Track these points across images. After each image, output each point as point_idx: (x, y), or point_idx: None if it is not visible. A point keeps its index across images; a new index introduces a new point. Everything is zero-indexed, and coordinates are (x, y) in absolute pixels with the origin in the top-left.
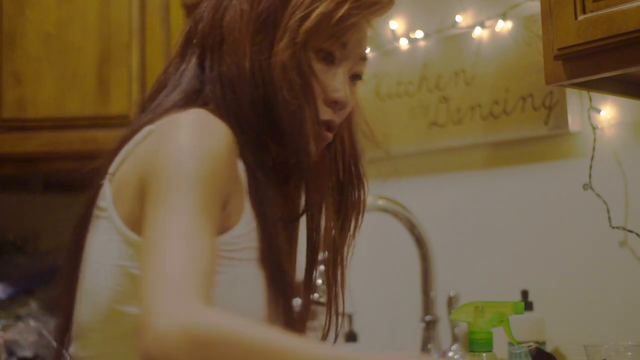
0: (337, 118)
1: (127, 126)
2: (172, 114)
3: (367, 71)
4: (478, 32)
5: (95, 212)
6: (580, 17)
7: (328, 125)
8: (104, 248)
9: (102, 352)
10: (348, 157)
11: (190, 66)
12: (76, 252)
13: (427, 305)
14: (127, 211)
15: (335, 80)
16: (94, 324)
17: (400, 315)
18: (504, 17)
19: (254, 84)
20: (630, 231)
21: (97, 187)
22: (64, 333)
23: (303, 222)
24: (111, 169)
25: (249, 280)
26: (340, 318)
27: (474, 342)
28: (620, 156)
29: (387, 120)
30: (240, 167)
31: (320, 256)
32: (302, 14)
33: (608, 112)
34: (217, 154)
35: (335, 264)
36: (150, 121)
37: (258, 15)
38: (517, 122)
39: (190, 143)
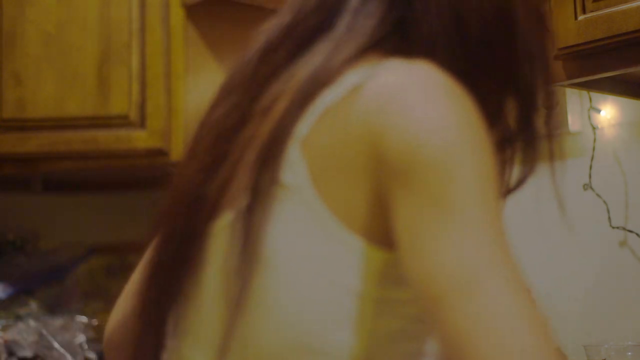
0: None
1: (296, 62)
2: (381, 60)
3: None
4: None
5: (274, 190)
6: (580, 17)
7: None
8: (302, 251)
9: None
10: None
11: None
12: (249, 243)
13: None
14: (335, 197)
15: None
16: (282, 355)
17: None
18: None
19: (495, 26)
20: (630, 231)
21: (273, 153)
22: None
23: None
24: (302, 130)
25: None
26: None
27: None
28: (620, 156)
29: None
30: None
31: None
32: None
33: (608, 112)
34: (487, 140)
35: None
36: (346, 63)
37: None
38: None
39: (460, 124)
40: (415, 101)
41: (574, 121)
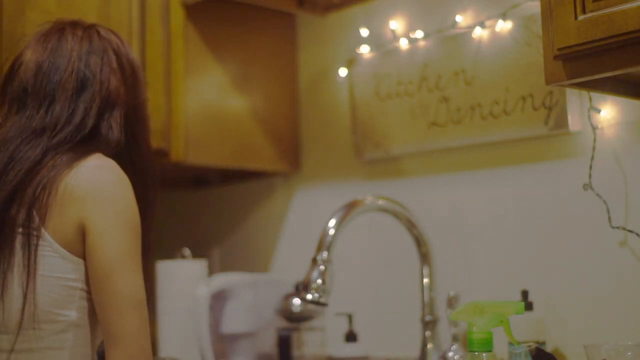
0: None
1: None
2: (84, 153)
3: (367, 71)
4: (478, 32)
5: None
6: (580, 17)
7: None
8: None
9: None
10: None
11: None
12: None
13: (427, 305)
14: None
15: None
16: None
17: (400, 315)
18: (504, 17)
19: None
20: (630, 231)
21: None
22: None
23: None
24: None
25: None
26: None
27: (474, 342)
28: (620, 156)
29: (387, 120)
30: None
31: (320, 256)
32: None
33: (608, 112)
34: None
35: None
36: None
37: None
38: (517, 122)
39: (126, 190)
40: (108, 182)
41: (574, 121)
